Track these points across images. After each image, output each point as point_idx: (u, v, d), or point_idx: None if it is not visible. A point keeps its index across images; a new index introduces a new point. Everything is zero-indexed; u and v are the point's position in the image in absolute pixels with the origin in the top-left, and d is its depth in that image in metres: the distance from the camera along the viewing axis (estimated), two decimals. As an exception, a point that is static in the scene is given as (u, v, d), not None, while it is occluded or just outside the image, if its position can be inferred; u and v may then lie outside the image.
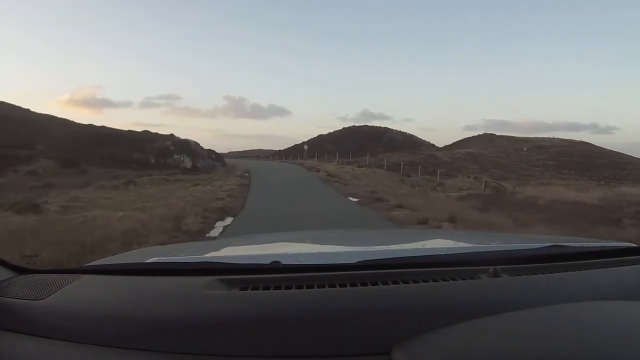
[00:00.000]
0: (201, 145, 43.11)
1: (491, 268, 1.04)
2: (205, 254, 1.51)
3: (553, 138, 69.99)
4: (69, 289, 1.01)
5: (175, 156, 37.97)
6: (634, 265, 1.21)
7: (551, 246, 1.29)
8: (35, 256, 4.59)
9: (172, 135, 42.57)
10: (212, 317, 0.85)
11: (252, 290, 0.94)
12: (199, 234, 7.70)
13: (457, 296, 0.95)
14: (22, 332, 0.88)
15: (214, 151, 47.70)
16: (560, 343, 0.71)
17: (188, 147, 39.60)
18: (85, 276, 1.10)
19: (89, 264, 1.31)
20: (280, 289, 0.94)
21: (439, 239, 2.01)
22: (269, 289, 0.94)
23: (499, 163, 48.94)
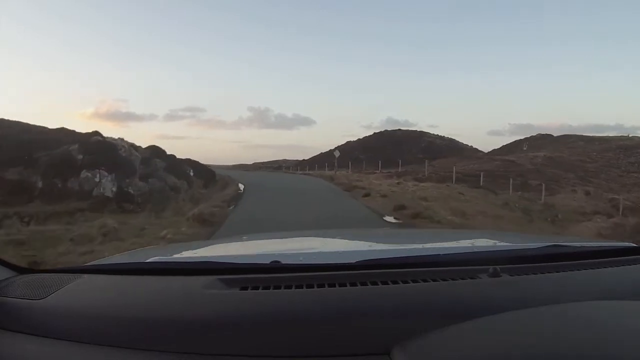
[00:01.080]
0: (163, 149, 23.37)
1: (491, 268, 1.03)
2: (205, 253, 1.52)
3: (629, 136, 57.67)
4: (69, 289, 1.01)
5: (85, 173, 16.83)
6: (634, 265, 1.21)
7: (551, 246, 1.29)
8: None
9: (95, 133, 19.74)
10: (212, 317, 0.86)
11: (252, 289, 0.95)
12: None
13: (457, 296, 0.95)
14: (22, 332, 0.88)
15: (194, 161, 27.83)
16: (561, 343, 0.71)
17: (114, 155, 18.00)
18: (85, 276, 1.11)
19: (89, 264, 1.32)
20: (280, 288, 0.95)
21: (439, 239, 2.01)
22: (269, 289, 0.94)
23: (586, 168, 40.27)
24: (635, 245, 1.42)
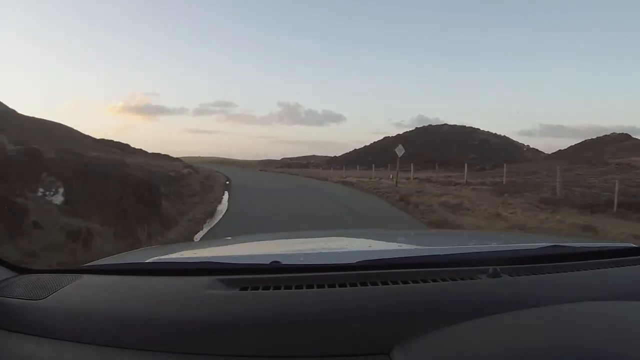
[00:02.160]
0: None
1: (491, 268, 1.03)
2: (205, 254, 1.53)
3: None
4: (69, 289, 1.01)
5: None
6: (634, 266, 1.21)
7: (551, 246, 1.29)
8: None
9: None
10: (212, 317, 0.86)
11: (252, 290, 0.95)
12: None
13: (457, 296, 0.95)
14: (22, 332, 0.88)
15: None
16: (561, 343, 0.71)
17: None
18: (85, 276, 1.11)
19: (89, 264, 1.32)
20: (280, 289, 0.95)
21: (439, 239, 2.00)
22: (269, 289, 0.95)
23: None
24: (635, 245, 1.42)
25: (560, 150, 65.62)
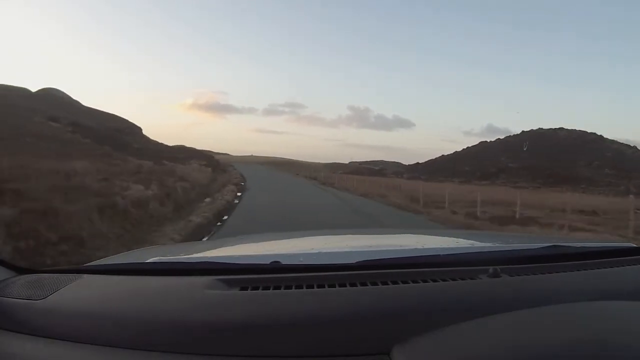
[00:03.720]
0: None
1: (491, 268, 1.03)
2: (205, 253, 1.53)
3: None
4: (69, 289, 1.01)
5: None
6: (634, 266, 1.21)
7: (551, 246, 1.29)
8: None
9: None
10: (212, 317, 0.86)
11: (251, 290, 0.95)
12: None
13: (457, 296, 0.95)
14: (22, 332, 0.88)
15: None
16: (561, 343, 0.71)
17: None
18: (85, 276, 1.11)
19: (89, 264, 1.32)
20: (280, 289, 0.95)
21: (439, 239, 2.00)
22: (269, 289, 0.95)
23: None
24: (635, 245, 1.42)
25: None
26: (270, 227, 8.88)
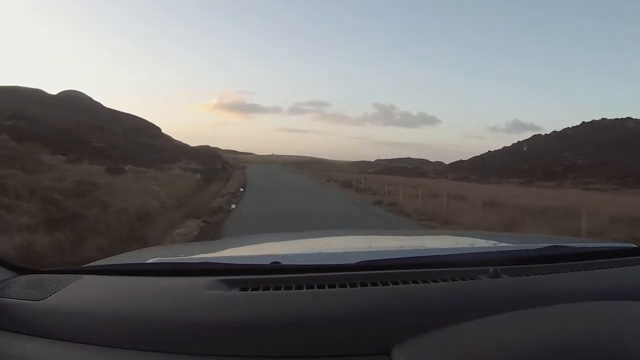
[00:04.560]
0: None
1: (491, 268, 1.03)
2: (206, 254, 1.53)
3: None
4: (69, 289, 1.01)
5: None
6: (634, 266, 1.20)
7: (551, 246, 1.29)
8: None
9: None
10: (212, 318, 0.86)
11: (252, 290, 0.95)
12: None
13: (457, 296, 0.95)
14: (22, 332, 0.88)
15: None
16: (561, 343, 0.71)
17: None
18: (85, 276, 1.11)
19: (89, 264, 1.32)
20: (280, 289, 0.95)
21: (439, 239, 2.00)
22: (269, 290, 0.95)
23: None
24: (635, 245, 1.41)
25: None
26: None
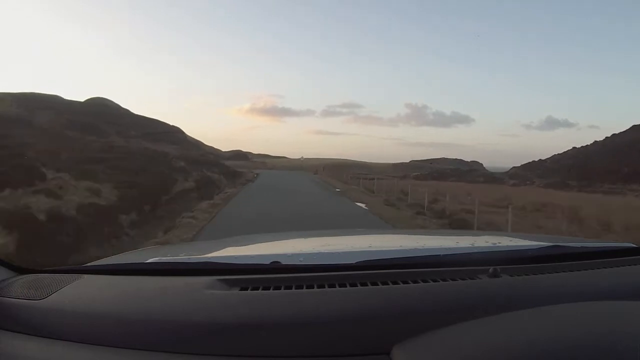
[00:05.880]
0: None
1: (491, 268, 1.04)
2: (206, 254, 1.53)
3: None
4: (69, 289, 1.01)
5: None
6: (634, 266, 1.21)
7: (551, 246, 1.30)
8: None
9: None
10: (212, 317, 0.86)
11: (252, 290, 0.95)
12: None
13: (457, 296, 0.95)
14: (22, 332, 0.88)
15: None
16: (561, 343, 0.71)
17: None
18: (85, 276, 1.11)
19: (89, 264, 1.32)
20: (280, 289, 0.95)
21: (439, 239, 1.99)
22: (269, 289, 0.95)
23: None
24: (635, 245, 1.42)
25: None
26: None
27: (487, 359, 0.70)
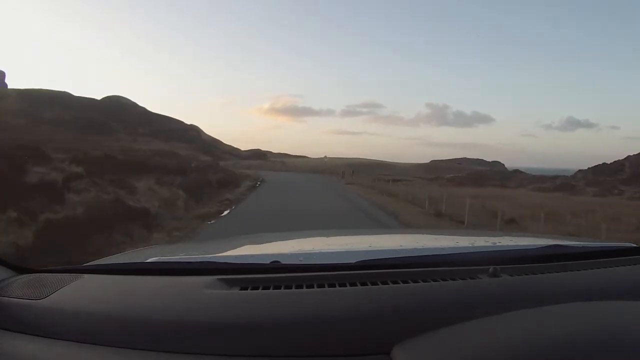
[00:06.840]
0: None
1: (491, 268, 1.03)
2: (205, 253, 1.53)
3: None
4: (69, 289, 1.01)
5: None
6: (634, 265, 1.21)
7: (551, 246, 1.30)
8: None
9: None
10: (212, 317, 0.86)
11: (252, 290, 0.95)
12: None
13: (457, 296, 0.95)
14: (22, 332, 0.88)
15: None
16: (560, 343, 0.71)
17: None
18: (85, 276, 1.11)
19: (89, 264, 1.31)
20: (280, 288, 0.95)
21: (438, 239, 1.99)
22: (269, 289, 0.95)
23: None
24: (635, 245, 1.42)
25: None
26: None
27: (487, 358, 0.70)
